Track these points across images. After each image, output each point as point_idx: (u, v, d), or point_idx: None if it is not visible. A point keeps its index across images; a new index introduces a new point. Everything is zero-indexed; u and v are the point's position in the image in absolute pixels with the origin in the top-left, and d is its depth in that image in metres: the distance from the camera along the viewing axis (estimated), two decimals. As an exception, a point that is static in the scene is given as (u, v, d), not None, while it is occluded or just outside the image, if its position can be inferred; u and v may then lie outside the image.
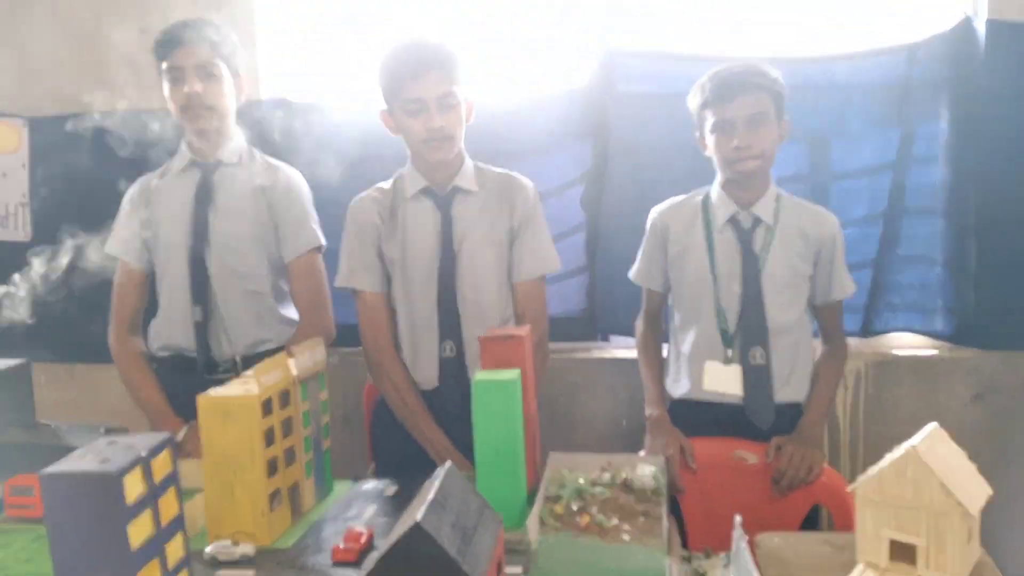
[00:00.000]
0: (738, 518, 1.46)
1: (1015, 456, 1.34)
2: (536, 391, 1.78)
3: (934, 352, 2.66)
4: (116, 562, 1.15)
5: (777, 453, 1.96)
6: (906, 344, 2.71)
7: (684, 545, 1.65)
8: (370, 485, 1.86)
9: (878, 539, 1.35)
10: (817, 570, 1.38)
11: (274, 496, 1.58)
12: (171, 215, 2.22)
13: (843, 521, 1.88)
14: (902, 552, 1.35)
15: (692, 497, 2.01)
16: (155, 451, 1.23)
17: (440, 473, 1.26)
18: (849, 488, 1.38)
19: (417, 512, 1.13)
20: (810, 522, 1.99)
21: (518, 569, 1.40)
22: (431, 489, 1.20)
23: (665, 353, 2.23)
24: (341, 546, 1.50)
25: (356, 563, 1.48)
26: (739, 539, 1.44)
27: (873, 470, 1.35)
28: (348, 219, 2.12)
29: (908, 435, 1.26)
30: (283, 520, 1.62)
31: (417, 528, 1.10)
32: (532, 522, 1.53)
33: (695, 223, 2.09)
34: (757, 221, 2.05)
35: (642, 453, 1.96)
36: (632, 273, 2.23)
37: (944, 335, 2.65)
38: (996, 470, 1.61)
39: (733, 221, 2.06)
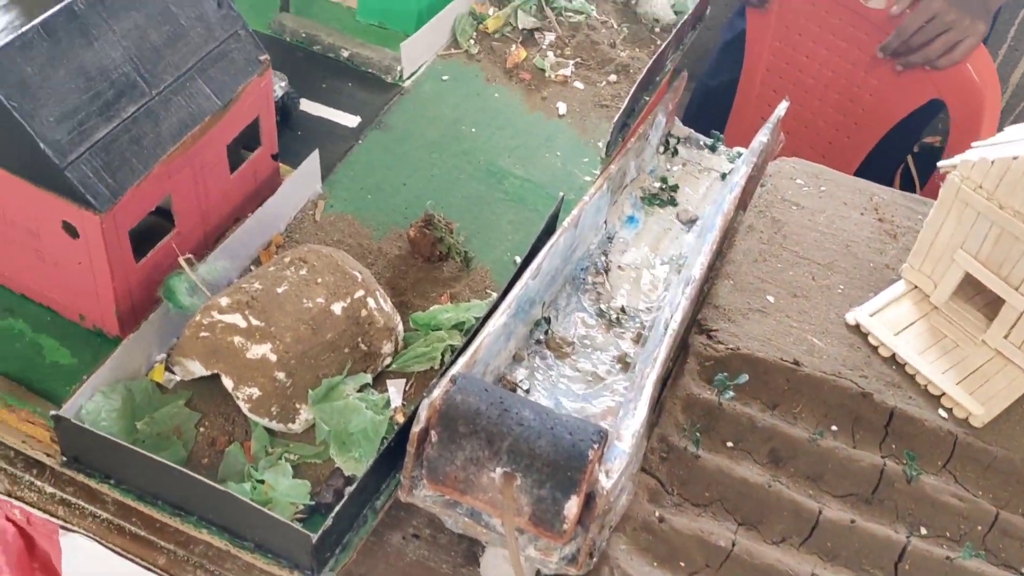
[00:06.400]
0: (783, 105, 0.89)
1: None
2: None
3: None
4: None
5: (915, 4, 1.21)
6: None
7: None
8: None
9: (947, 261, 0.76)
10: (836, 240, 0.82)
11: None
12: None
13: (962, 134, 1.23)
14: (977, 295, 0.77)
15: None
16: None
17: None
18: (940, 165, 0.75)
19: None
20: (917, 122, 1.33)
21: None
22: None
23: None
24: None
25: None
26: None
27: (987, 147, 0.70)
28: None
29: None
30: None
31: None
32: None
33: None
34: None
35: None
36: None
37: None
38: None
39: None
